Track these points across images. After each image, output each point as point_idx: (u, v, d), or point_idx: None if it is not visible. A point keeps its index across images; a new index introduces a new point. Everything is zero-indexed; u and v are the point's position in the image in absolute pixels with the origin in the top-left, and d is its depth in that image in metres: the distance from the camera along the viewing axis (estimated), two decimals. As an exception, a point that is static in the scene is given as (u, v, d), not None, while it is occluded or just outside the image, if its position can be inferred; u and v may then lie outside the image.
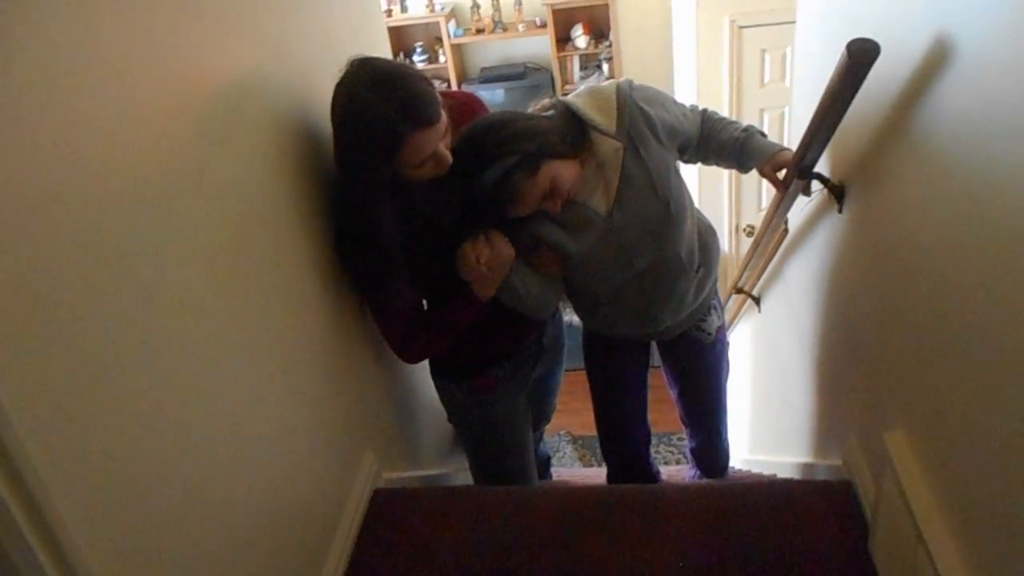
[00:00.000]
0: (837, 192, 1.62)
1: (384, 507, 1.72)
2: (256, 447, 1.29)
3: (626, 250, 1.69)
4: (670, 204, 1.65)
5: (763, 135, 1.77)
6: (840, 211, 1.64)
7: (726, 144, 1.75)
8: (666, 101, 1.69)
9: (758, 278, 2.64)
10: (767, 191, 4.05)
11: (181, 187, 1.10)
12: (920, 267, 1.25)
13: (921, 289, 1.24)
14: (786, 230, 2.19)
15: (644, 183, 1.62)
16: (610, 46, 5.44)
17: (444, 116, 1.49)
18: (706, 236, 1.84)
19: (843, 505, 1.58)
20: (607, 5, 5.28)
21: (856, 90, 1.29)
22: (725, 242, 4.44)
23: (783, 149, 1.72)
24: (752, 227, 4.41)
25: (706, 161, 1.84)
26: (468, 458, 2.20)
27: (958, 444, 1.14)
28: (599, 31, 5.53)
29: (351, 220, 1.59)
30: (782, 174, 1.73)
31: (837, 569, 1.48)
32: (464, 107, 1.69)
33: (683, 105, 1.75)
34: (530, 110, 1.68)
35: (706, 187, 4.37)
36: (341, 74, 1.46)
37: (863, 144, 1.49)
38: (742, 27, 3.92)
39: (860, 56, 1.20)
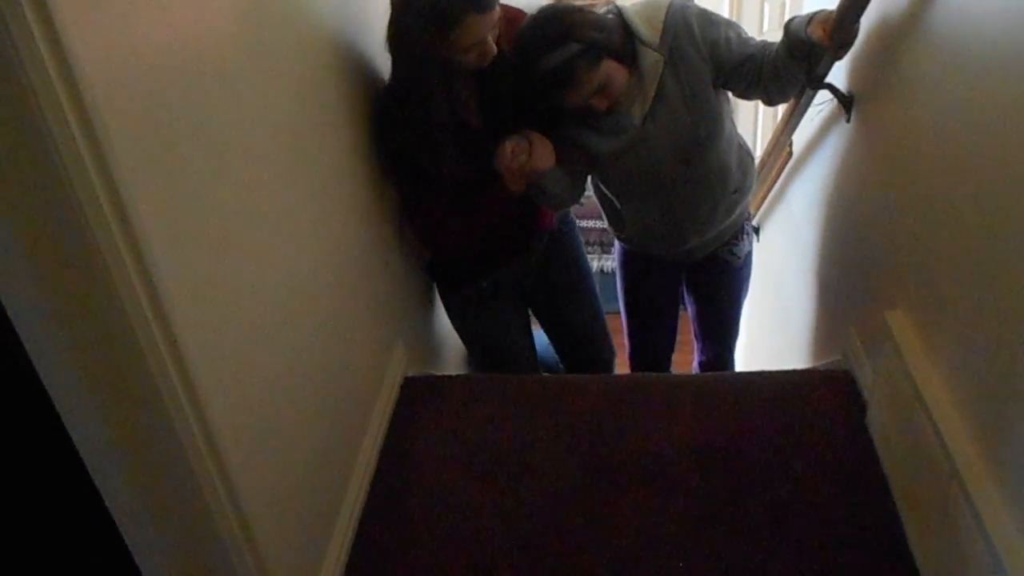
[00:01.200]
0: (847, 102, 1.73)
1: (414, 391, 1.84)
2: (314, 307, 1.41)
3: (653, 162, 1.78)
4: (700, 124, 1.73)
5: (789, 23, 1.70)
6: (848, 120, 1.76)
7: (776, 52, 1.67)
8: (720, 22, 1.72)
9: (759, 205, 2.76)
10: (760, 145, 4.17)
11: (263, 67, 1.21)
12: (926, 163, 1.37)
13: (926, 184, 1.37)
14: (791, 152, 2.32)
15: (677, 99, 1.70)
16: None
17: (498, 9, 1.57)
18: (746, 161, 1.90)
19: (841, 388, 1.72)
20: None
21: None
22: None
23: (813, 14, 1.63)
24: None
25: (762, 86, 1.72)
26: (468, 352, 2.31)
27: (954, 316, 1.27)
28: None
29: (402, 97, 1.65)
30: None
31: (837, 443, 1.62)
32: (517, 22, 1.74)
33: (741, 32, 1.74)
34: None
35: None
36: None
37: (874, 54, 1.61)
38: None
39: (880, -46, 1.31)
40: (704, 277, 2.16)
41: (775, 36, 1.71)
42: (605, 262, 4.21)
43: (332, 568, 1.43)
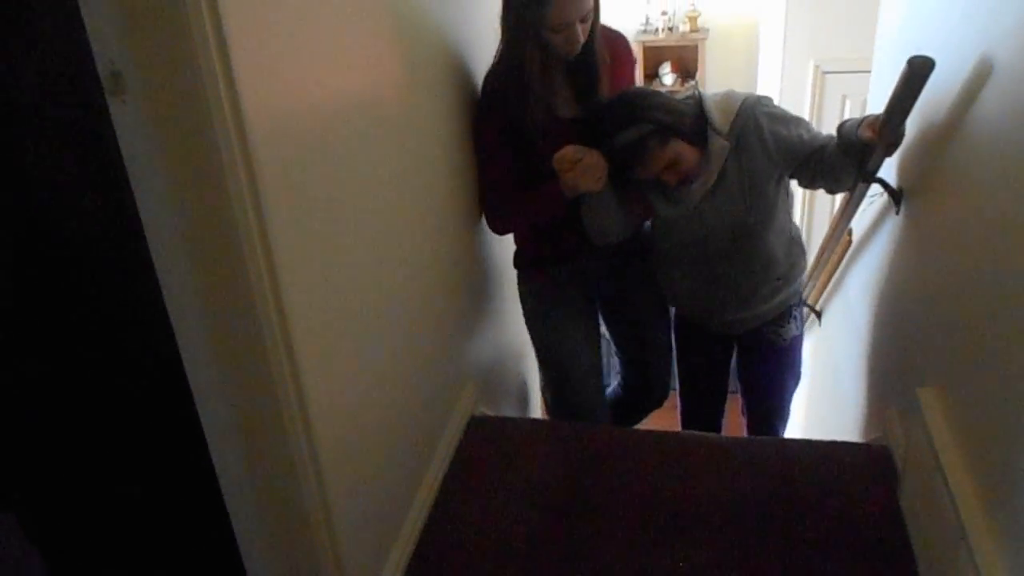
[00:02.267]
0: (896, 196, 1.88)
1: (479, 429, 2.03)
2: (407, 330, 1.64)
3: (705, 235, 1.96)
4: (753, 211, 1.91)
5: (842, 125, 1.87)
6: (897, 213, 1.91)
7: (831, 149, 1.85)
8: (790, 121, 1.89)
9: (821, 291, 2.88)
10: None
11: (391, 117, 1.48)
12: (963, 255, 1.51)
13: (962, 274, 1.50)
14: (850, 240, 2.45)
15: (736, 185, 1.89)
16: (696, 84, 5.74)
17: (591, 2, 1.78)
18: (790, 252, 2.04)
19: (879, 463, 1.82)
20: (696, 47, 5.60)
21: (915, 98, 1.56)
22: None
23: (864, 117, 1.79)
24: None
25: (822, 178, 1.90)
26: (539, 368, 2.40)
27: (979, 395, 1.39)
28: (686, 70, 5.84)
29: (504, 67, 1.87)
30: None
31: (869, 513, 1.71)
32: (617, 39, 1.99)
33: (811, 129, 1.91)
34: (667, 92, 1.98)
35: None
36: None
37: (920, 153, 1.77)
38: (826, 72, 4.17)
39: (919, 68, 1.49)
40: (750, 356, 2.29)
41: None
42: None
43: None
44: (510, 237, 2.21)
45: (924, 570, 1.55)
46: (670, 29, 5.67)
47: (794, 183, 2.00)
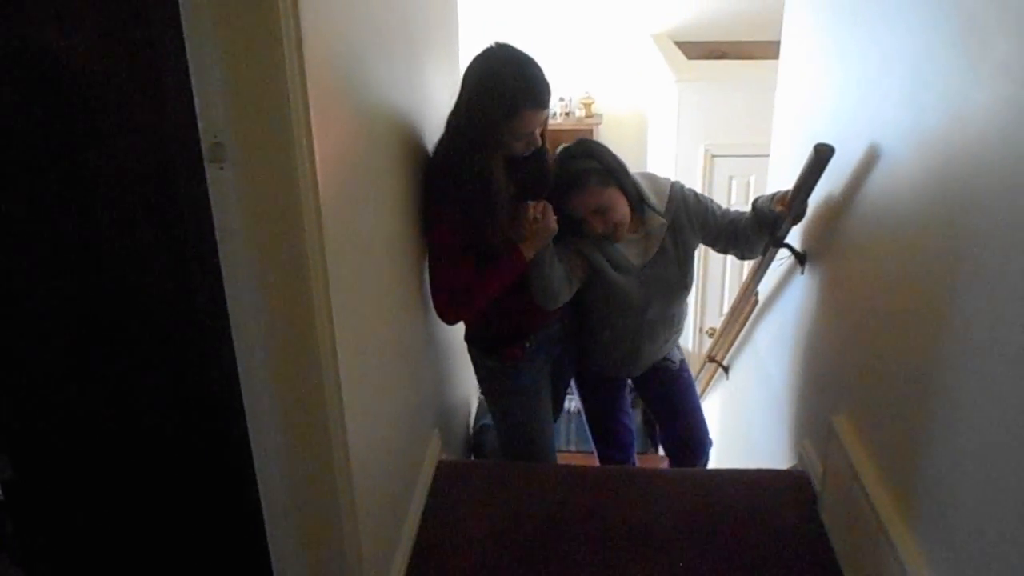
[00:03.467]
0: (801, 258, 2.25)
1: (448, 473, 2.21)
2: (386, 381, 1.82)
3: (646, 299, 2.25)
4: (686, 276, 2.27)
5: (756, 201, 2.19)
6: (803, 272, 2.27)
7: (747, 220, 2.17)
8: (706, 201, 2.24)
9: (729, 347, 3.24)
10: (728, 297, 4.78)
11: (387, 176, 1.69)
12: (858, 303, 1.86)
13: (859, 319, 1.84)
14: (756, 301, 2.82)
15: (673, 257, 2.22)
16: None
17: (548, 112, 1.96)
18: (685, 306, 2.44)
19: (798, 486, 2.12)
20: (591, 131, 6.09)
21: (819, 178, 1.93)
22: (689, 342, 5.07)
23: (774, 194, 2.13)
24: (713, 329, 5.06)
25: (738, 246, 2.23)
26: (494, 424, 2.52)
27: (885, 417, 1.71)
28: (583, 152, 6.28)
29: (467, 164, 1.91)
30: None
31: (793, 528, 2.00)
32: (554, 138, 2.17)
33: (720, 206, 2.26)
34: None
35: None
36: (482, 50, 1.93)
37: (821, 223, 2.14)
38: (714, 156, 4.69)
39: (823, 153, 1.86)
40: (655, 387, 2.55)
41: (741, 209, 2.26)
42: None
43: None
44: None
45: (846, 566, 1.84)
46: (567, 114, 6.14)
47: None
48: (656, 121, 5.57)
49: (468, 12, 4.77)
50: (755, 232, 2.18)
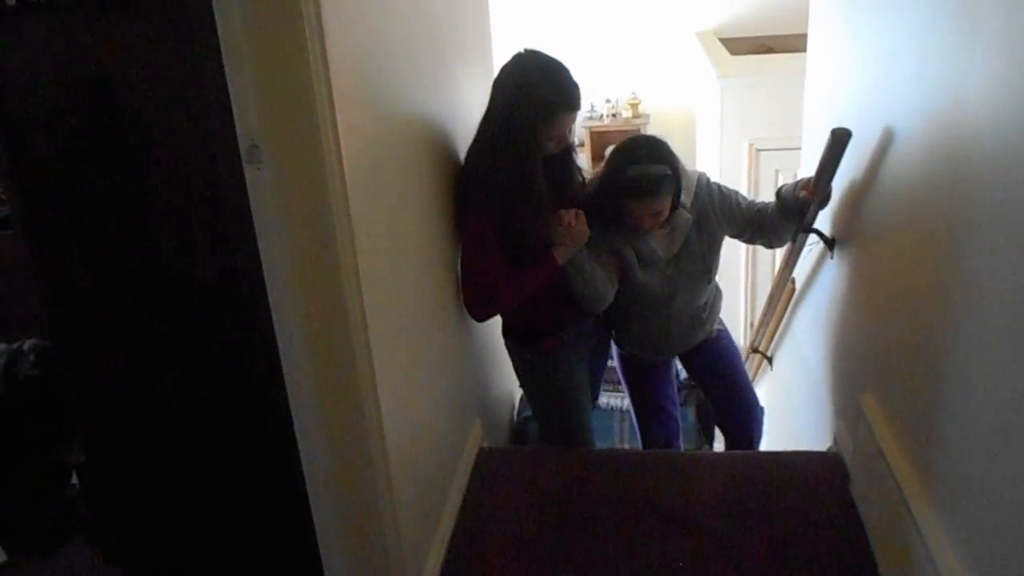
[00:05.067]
0: (830, 243, 2.28)
1: (489, 458, 2.31)
2: (422, 370, 1.93)
3: (670, 291, 2.31)
4: (711, 271, 2.31)
5: (780, 189, 2.25)
6: (832, 257, 2.30)
7: (771, 209, 2.23)
8: (730, 193, 2.26)
9: (771, 338, 3.26)
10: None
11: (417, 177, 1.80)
12: (882, 284, 1.89)
13: (884, 300, 1.88)
14: (794, 288, 2.85)
15: (698, 250, 2.26)
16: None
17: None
18: (717, 295, 2.47)
19: (831, 466, 2.16)
20: (639, 130, 6.13)
21: (838, 161, 1.97)
22: (740, 338, 5.07)
23: (798, 181, 2.19)
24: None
25: (765, 235, 2.27)
26: (534, 416, 2.61)
27: (907, 394, 1.74)
28: (632, 152, 6.33)
29: (510, 168, 1.98)
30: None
31: (825, 506, 2.04)
32: None
33: (745, 197, 2.29)
34: None
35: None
36: (512, 57, 2.00)
37: (846, 207, 2.17)
38: (759, 150, 4.70)
39: (840, 136, 1.90)
40: (694, 359, 2.59)
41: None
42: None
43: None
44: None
45: (874, 541, 1.87)
46: (614, 115, 6.20)
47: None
48: (702, 118, 5.60)
49: (510, 16, 4.91)
50: (782, 220, 2.22)
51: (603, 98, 6.17)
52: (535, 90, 1.95)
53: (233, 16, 1.21)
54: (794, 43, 5.62)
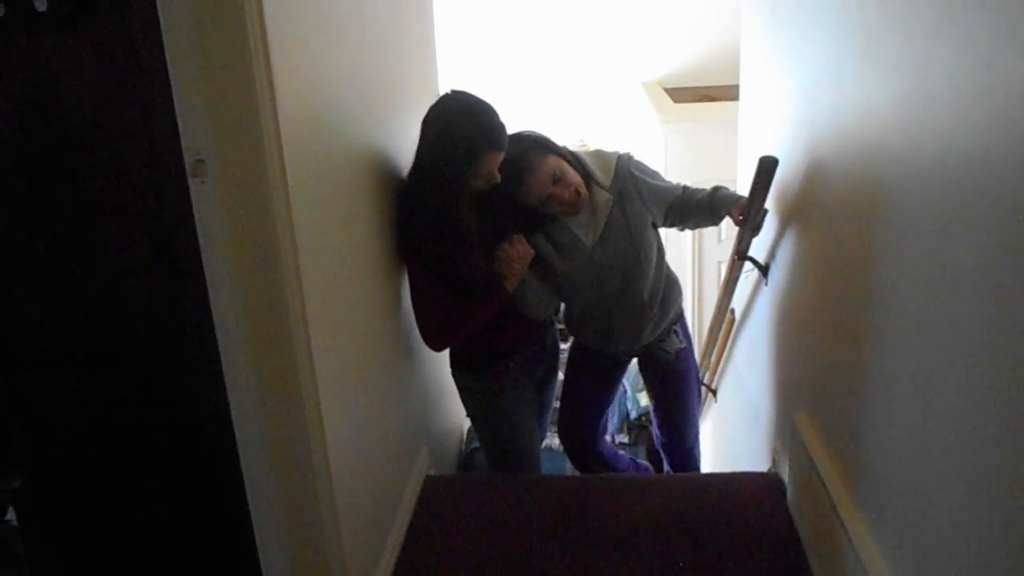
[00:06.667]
0: (763, 269, 2.38)
1: (435, 486, 2.32)
2: (366, 389, 1.95)
3: (600, 277, 2.25)
4: (640, 251, 2.22)
5: (726, 188, 2.27)
6: (766, 284, 2.40)
7: (701, 202, 2.23)
8: (654, 173, 2.27)
9: (715, 370, 3.34)
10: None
11: (362, 201, 1.85)
12: (808, 308, 1.98)
13: (810, 323, 1.97)
14: (733, 319, 2.94)
15: (623, 230, 2.20)
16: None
17: (504, 151, 2.01)
18: (668, 287, 2.38)
19: (770, 484, 2.22)
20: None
21: (767, 189, 2.08)
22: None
23: (742, 197, 2.20)
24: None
25: (685, 221, 2.29)
26: (482, 445, 2.60)
27: (834, 409, 1.81)
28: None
29: (434, 211, 2.01)
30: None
31: (763, 522, 2.09)
32: None
33: (669, 180, 2.30)
34: None
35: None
36: (439, 98, 2.03)
37: (776, 235, 2.28)
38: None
39: (767, 163, 2.01)
40: (648, 373, 2.58)
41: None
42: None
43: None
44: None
45: (810, 552, 1.93)
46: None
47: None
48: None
49: (459, 61, 5.04)
50: (705, 215, 2.26)
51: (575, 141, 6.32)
52: (458, 131, 1.96)
53: (180, 34, 1.26)
54: (735, 92, 5.89)
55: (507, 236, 2.13)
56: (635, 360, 2.59)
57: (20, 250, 1.50)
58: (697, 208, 2.26)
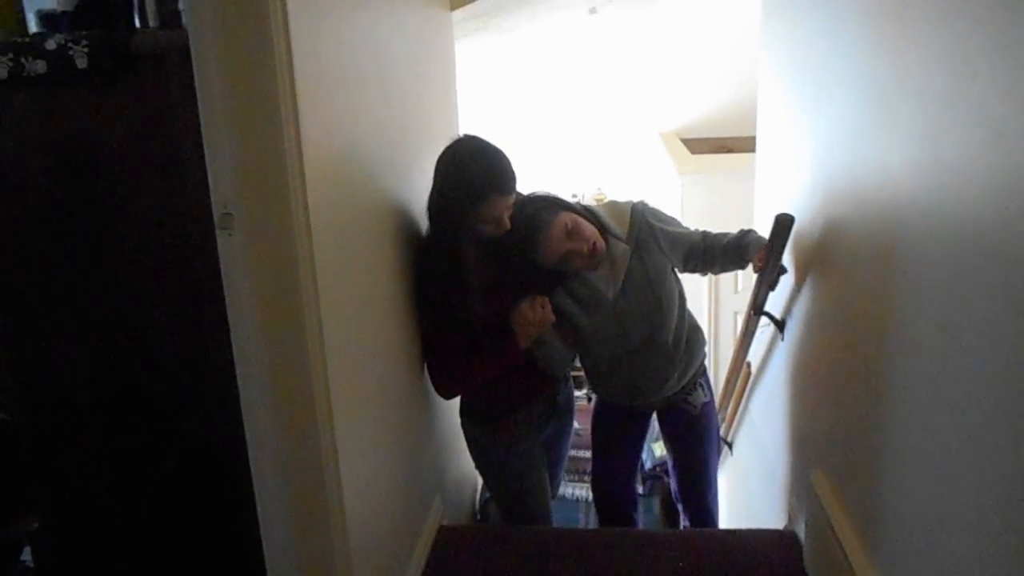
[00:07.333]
0: (779, 324, 2.38)
1: (448, 537, 2.31)
2: (383, 439, 1.95)
3: (624, 329, 2.23)
4: (662, 299, 2.21)
5: (754, 231, 2.23)
6: (782, 339, 2.40)
7: (728, 246, 2.20)
8: (671, 220, 2.26)
9: (731, 423, 3.32)
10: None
11: (384, 251, 1.88)
12: (824, 367, 1.98)
13: (833, 383, 1.96)
14: (749, 372, 2.93)
15: (643, 280, 2.20)
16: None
17: (515, 195, 2.03)
18: (691, 334, 2.35)
19: (786, 542, 2.19)
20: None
21: (784, 246, 2.09)
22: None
23: (763, 242, 2.13)
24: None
25: (710, 266, 2.25)
26: (494, 499, 2.58)
27: (850, 466, 1.80)
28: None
29: (442, 254, 2.02)
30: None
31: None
32: None
33: (686, 226, 2.29)
34: None
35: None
36: (452, 141, 2.04)
37: (793, 292, 2.28)
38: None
39: (783, 221, 2.02)
40: (671, 428, 2.53)
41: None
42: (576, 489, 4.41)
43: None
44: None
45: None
46: (582, 210, 6.39)
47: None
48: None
49: (481, 113, 5.12)
50: (731, 259, 2.23)
51: (570, 193, 6.38)
52: (464, 174, 1.98)
53: (213, 92, 1.31)
54: (752, 144, 5.94)
55: (530, 295, 2.12)
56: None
57: (55, 300, 1.55)
58: (724, 252, 2.23)
